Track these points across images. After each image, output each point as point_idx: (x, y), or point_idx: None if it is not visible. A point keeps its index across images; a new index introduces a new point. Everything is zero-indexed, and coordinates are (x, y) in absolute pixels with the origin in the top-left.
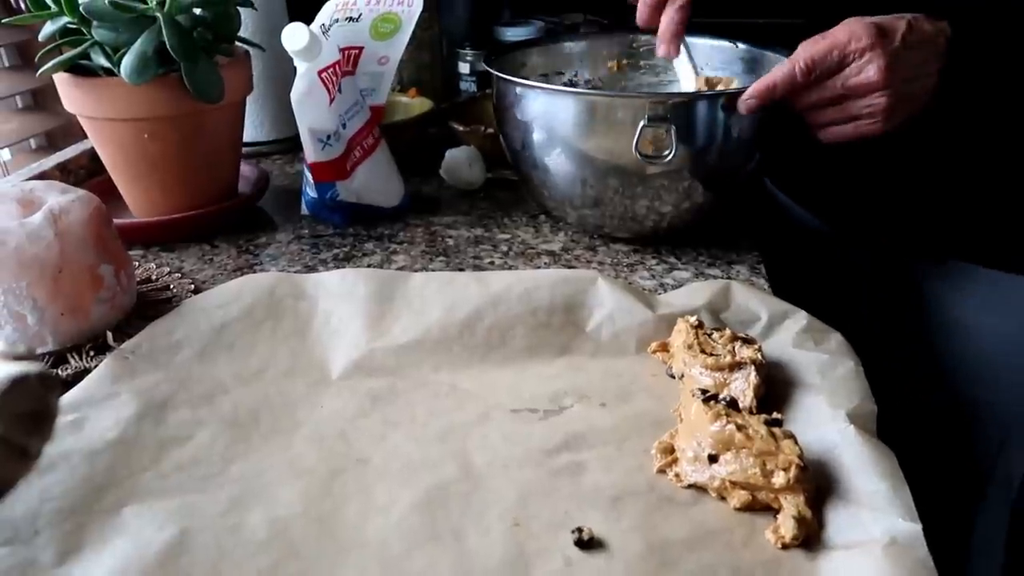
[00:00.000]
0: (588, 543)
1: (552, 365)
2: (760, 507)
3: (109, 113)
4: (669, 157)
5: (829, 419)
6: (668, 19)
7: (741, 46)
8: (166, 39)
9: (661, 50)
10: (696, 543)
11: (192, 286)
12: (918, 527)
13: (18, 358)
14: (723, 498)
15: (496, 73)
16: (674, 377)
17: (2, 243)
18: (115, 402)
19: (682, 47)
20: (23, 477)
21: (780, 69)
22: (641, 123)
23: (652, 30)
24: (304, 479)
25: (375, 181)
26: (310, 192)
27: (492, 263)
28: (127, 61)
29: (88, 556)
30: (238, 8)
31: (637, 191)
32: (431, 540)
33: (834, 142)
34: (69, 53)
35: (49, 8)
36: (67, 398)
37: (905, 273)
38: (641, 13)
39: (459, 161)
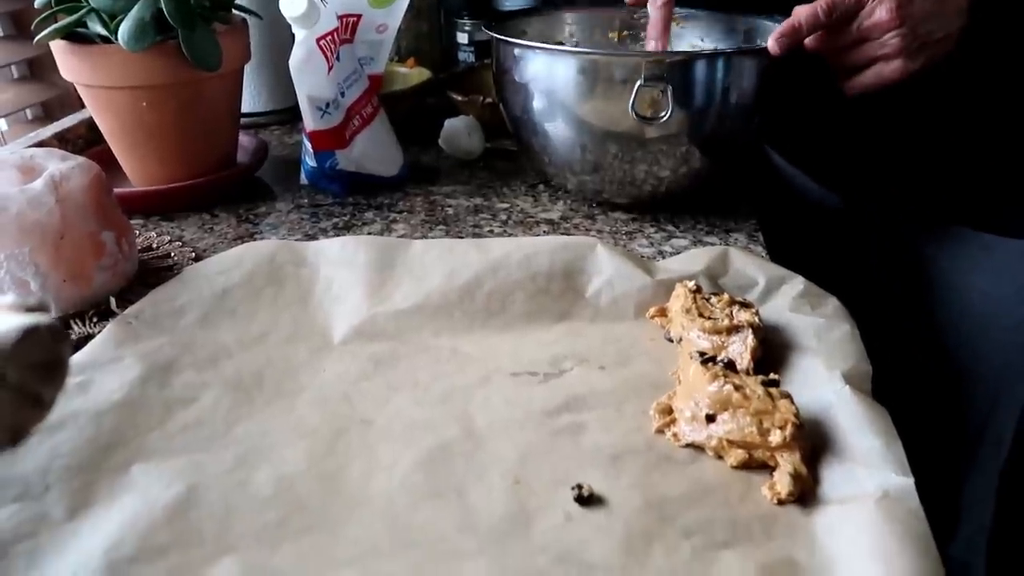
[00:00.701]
0: (588, 499)
1: (552, 330)
2: (757, 465)
3: (106, 81)
4: (665, 118)
5: (825, 380)
6: (653, 16)
7: (739, 17)
8: (163, 6)
9: (651, 46)
10: (693, 499)
11: (193, 254)
12: (910, 480)
13: (29, 310)
14: (720, 457)
15: (496, 36)
16: (672, 341)
17: (3, 209)
18: (119, 365)
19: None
20: (38, 425)
21: (803, 9)
22: (638, 83)
23: (642, 3)
24: (308, 439)
25: (374, 150)
26: (309, 161)
27: (491, 232)
28: (125, 28)
29: (98, 511)
30: None
31: (636, 155)
32: (434, 497)
33: (860, 92)
34: (66, 20)
35: None
36: (72, 361)
37: (900, 237)
38: None
39: (458, 131)
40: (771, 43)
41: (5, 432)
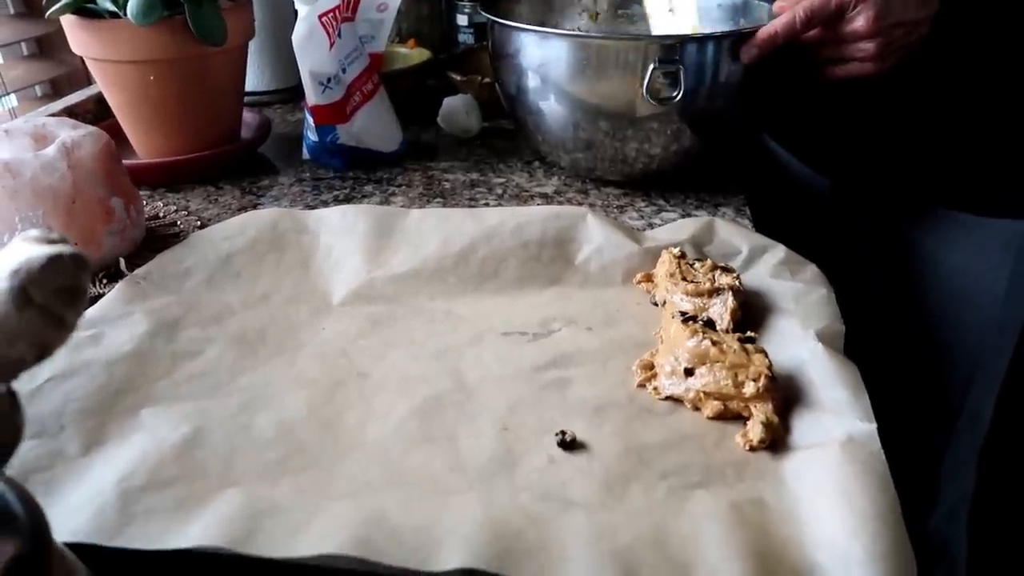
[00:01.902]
0: (571, 444)
1: (542, 294)
2: (732, 416)
3: (115, 55)
4: (678, 98)
5: (800, 339)
6: None
7: None
8: None
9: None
10: (671, 446)
11: (198, 223)
12: (873, 426)
13: (52, 242)
14: (698, 408)
15: (492, 18)
16: (657, 305)
17: (18, 173)
18: (129, 320)
19: None
20: (62, 343)
21: (781, 19)
22: (651, 66)
23: None
24: (308, 389)
25: (374, 126)
26: (311, 136)
27: (487, 204)
28: (133, 3)
29: (110, 448)
30: None
31: (627, 134)
32: (426, 442)
33: (829, 81)
34: None
35: None
36: (84, 316)
37: (883, 216)
38: None
39: (456, 109)
40: (743, 54)
41: (32, 348)
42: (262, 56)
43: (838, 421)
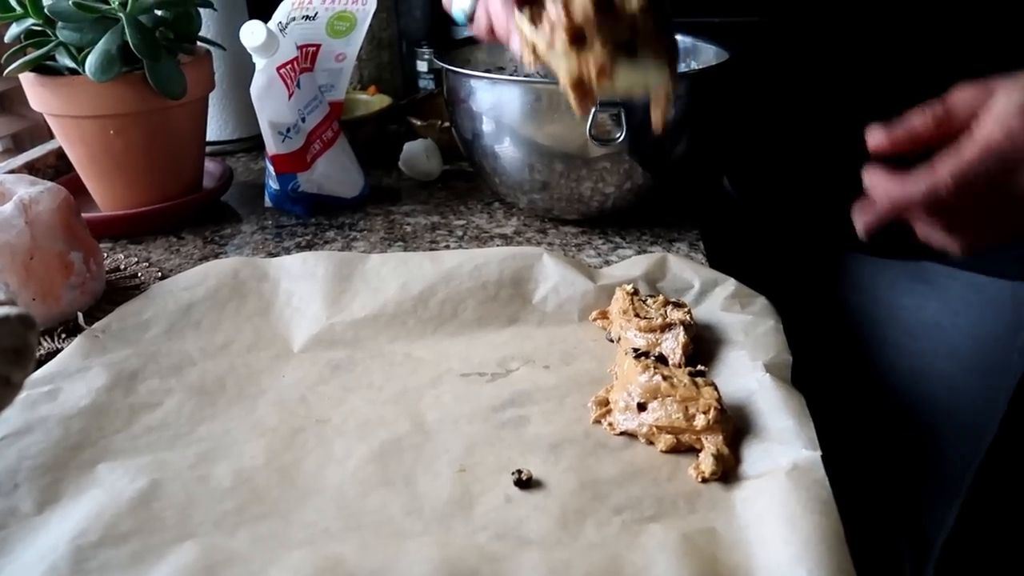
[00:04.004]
0: (527, 483)
1: (501, 334)
2: (684, 449)
3: (75, 111)
4: (620, 139)
5: (749, 370)
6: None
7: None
8: (129, 38)
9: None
10: (625, 480)
11: (159, 274)
12: (818, 454)
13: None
14: (651, 443)
15: (446, 67)
16: (613, 341)
17: None
18: (87, 374)
19: None
20: (8, 403)
21: (917, 185)
22: (593, 109)
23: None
24: (267, 437)
25: (335, 172)
26: (273, 184)
27: (448, 247)
28: (92, 60)
29: (65, 505)
30: (198, 8)
31: (581, 174)
32: (384, 485)
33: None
34: (35, 53)
35: (14, 10)
36: (41, 372)
37: (836, 257)
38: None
39: (417, 153)
40: (860, 228)
41: None
42: (225, 106)
43: (784, 450)
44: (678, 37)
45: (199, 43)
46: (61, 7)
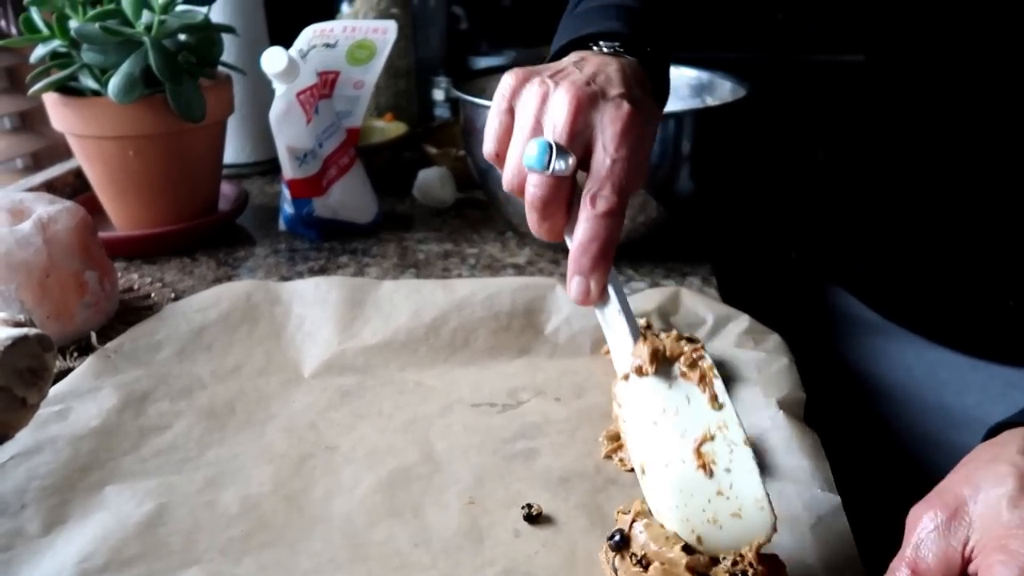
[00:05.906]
0: (536, 518)
1: (512, 364)
2: None
3: (96, 131)
4: None
5: (763, 407)
6: (587, 235)
7: (689, 71)
8: (152, 62)
9: (575, 291)
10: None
11: (172, 295)
12: (837, 499)
13: (18, 324)
14: None
15: (462, 96)
16: None
17: None
18: (98, 395)
19: (611, 289)
20: (23, 425)
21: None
22: None
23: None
24: (275, 463)
25: (350, 198)
26: (288, 208)
27: (460, 275)
28: (115, 82)
29: (71, 527)
30: (220, 34)
31: None
32: (392, 515)
33: None
34: (59, 74)
35: (41, 32)
36: (52, 391)
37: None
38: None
39: (431, 181)
40: None
41: None
42: (243, 129)
43: (799, 491)
44: (695, 72)
45: (220, 67)
46: (87, 30)
